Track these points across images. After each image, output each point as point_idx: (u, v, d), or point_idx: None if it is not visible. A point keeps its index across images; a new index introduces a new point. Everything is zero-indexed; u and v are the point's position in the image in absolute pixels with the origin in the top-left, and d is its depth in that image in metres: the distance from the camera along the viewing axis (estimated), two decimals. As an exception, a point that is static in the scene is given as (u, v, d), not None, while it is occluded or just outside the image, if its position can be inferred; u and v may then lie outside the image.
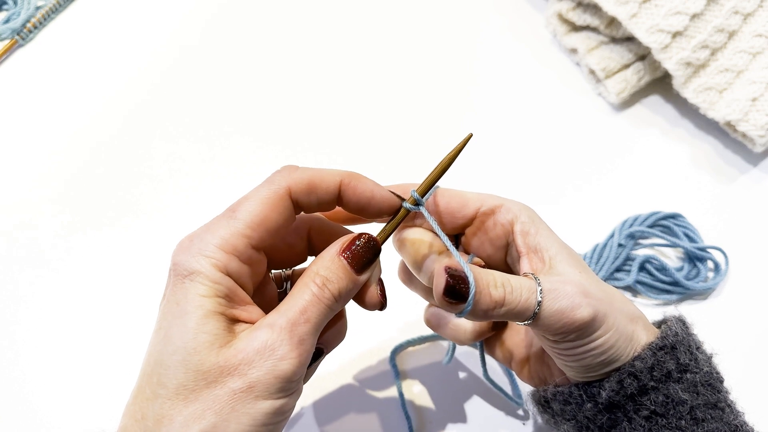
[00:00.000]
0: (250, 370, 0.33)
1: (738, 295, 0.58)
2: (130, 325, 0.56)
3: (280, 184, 0.37)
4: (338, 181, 0.38)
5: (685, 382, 0.39)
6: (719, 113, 0.62)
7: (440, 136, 0.66)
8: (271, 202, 0.36)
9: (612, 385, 0.39)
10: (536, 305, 0.37)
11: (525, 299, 0.37)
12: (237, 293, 0.36)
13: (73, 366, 0.55)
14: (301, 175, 0.37)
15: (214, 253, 0.35)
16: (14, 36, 0.71)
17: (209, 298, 0.34)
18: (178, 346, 0.34)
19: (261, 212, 0.36)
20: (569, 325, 0.37)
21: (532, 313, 0.37)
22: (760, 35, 0.64)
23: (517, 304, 0.37)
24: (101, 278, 0.59)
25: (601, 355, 0.39)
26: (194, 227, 0.37)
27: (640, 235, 0.59)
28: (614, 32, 0.67)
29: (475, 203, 0.42)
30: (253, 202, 0.36)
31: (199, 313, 0.34)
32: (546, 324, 0.38)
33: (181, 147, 0.66)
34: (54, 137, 0.66)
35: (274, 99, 0.69)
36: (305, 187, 0.37)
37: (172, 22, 0.74)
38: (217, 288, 0.35)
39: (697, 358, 0.40)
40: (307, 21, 0.74)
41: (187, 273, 0.35)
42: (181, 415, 0.33)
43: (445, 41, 0.72)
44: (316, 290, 0.36)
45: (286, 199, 0.37)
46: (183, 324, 0.34)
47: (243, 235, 0.35)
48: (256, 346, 0.33)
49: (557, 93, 0.69)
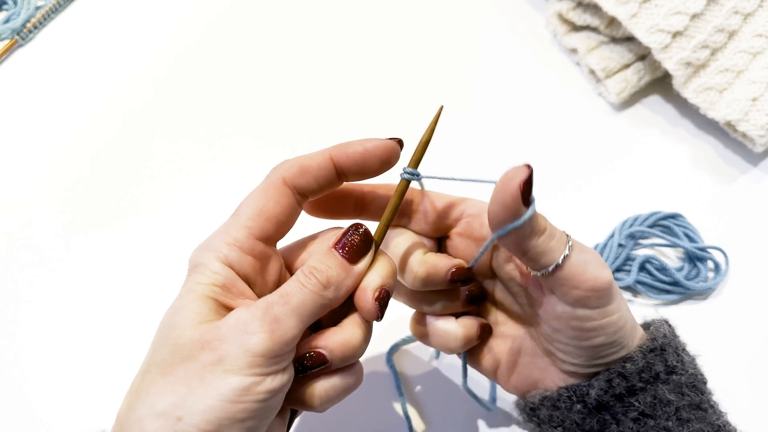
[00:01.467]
0: (222, 345, 0.34)
1: (738, 295, 0.58)
2: (130, 324, 0.56)
3: (274, 176, 0.38)
4: (327, 155, 0.39)
5: (672, 383, 0.39)
6: (719, 113, 0.62)
7: (440, 136, 0.66)
8: (266, 192, 0.38)
9: (601, 384, 0.39)
10: (567, 248, 0.37)
11: (558, 238, 0.37)
12: (236, 284, 0.37)
13: (74, 366, 0.55)
14: (292, 162, 0.39)
15: (218, 247, 0.37)
16: (14, 36, 0.71)
17: (205, 284, 0.36)
18: (167, 324, 0.35)
19: (258, 203, 0.38)
20: (593, 280, 0.37)
21: (561, 255, 0.37)
22: (760, 35, 0.64)
23: (553, 240, 0.37)
24: (101, 278, 0.59)
25: (615, 334, 0.38)
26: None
27: (640, 235, 0.59)
28: (614, 32, 0.67)
29: (461, 205, 0.42)
30: (251, 196, 0.38)
31: (191, 296, 0.36)
32: (572, 274, 0.37)
33: (181, 147, 0.66)
34: (54, 137, 0.66)
35: (274, 99, 0.69)
36: (297, 170, 0.38)
37: (172, 22, 0.74)
38: (215, 277, 0.36)
39: (683, 360, 0.40)
40: (307, 21, 0.74)
41: (194, 266, 0.37)
42: (155, 386, 0.33)
43: (445, 41, 0.72)
44: (302, 278, 0.36)
45: (280, 186, 0.38)
46: (175, 306, 0.36)
47: (243, 226, 0.37)
48: (230, 322, 0.34)
49: (557, 93, 0.69)
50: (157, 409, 0.33)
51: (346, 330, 0.38)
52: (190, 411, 0.32)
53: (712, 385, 0.42)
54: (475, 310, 0.45)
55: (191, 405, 0.32)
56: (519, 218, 0.35)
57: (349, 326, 0.38)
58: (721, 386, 0.41)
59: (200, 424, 0.32)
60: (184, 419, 0.32)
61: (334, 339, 0.38)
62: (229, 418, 0.33)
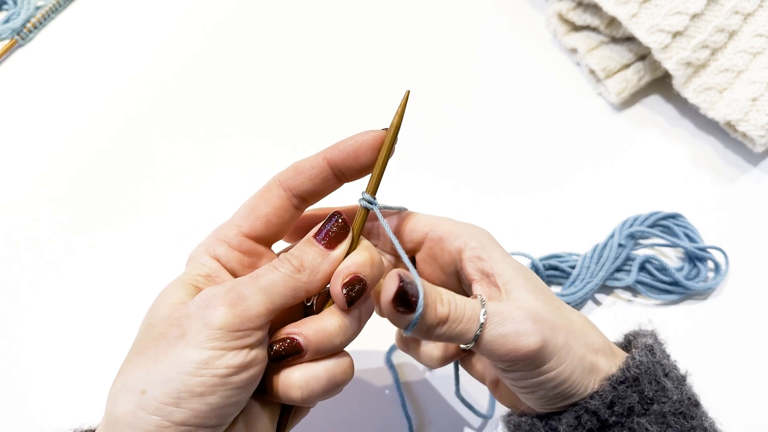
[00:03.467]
0: (187, 320, 0.34)
1: (738, 295, 0.58)
2: (129, 324, 0.56)
3: (270, 179, 0.40)
4: (321, 155, 0.39)
5: (653, 414, 0.38)
6: (719, 113, 0.62)
7: (441, 136, 0.66)
8: (259, 193, 0.40)
9: (569, 420, 0.38)
10: (478, 327, 0.36)
11: (467, 319, 0.36)
12: (219, 274, 0.38)
13: (73, 366, 0.55)
14: (287, 167, 0.40)
15: (208, 242, 0.39)
16: (14, 36, 0.71)
17: (189, 274, 0.38)
18: (149, 309, 0.37)
19: (250, 204, 0.40)
20: (514, 352, 0.36)
21: (473, 336, 0.36)
22: (760, 35, 0.64)
23: (459, 324, 0.36)
24: (101, 278, 0.59)
25: (555, 389, 0.37)
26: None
27: (640, 235, 0.59)
28: (614, 32, 0.67)
29: (424, 227, 0.42)
30: (247, 200, 0.40)
31: (175, 283, 0.37)
32: (489, 349, 0.36)
33: (181, 147, 0.66)
34: (54, 137, 0.66)
35: (274, 99, 0.69)
36: (291, 172, 0.39)
37: (172, 22, 0.74)
38: (200, 268, 0.38)
39: (665, 387, 0.38)
40: (307, 21, 0.74)
41: (187, 262, 0.40)
42: (130, 364, 0.35)
43: (445, 41, 0.72)
44: (276, 262, 0.37)
45: (274, 188, 0.39)
46: (159, 294, 0.37)
47: (234, 225, 0.39)
48: (198, 299, 0.35)
49: (557, 93, 0.69)
50: (127, 384, 0.34)
51: (323, 317, 0.37)
52: (152, 384, 0.33)
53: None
54: None
55: (154, 378, 0.33)
56: (410, 324, 0.35)
57: (327, 314, 0.37)
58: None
59: (160, 397, 0.33)
60: (147, 392, 0.33)
61: (309, 326, 0.37)
62: (187, 391, 0.33)
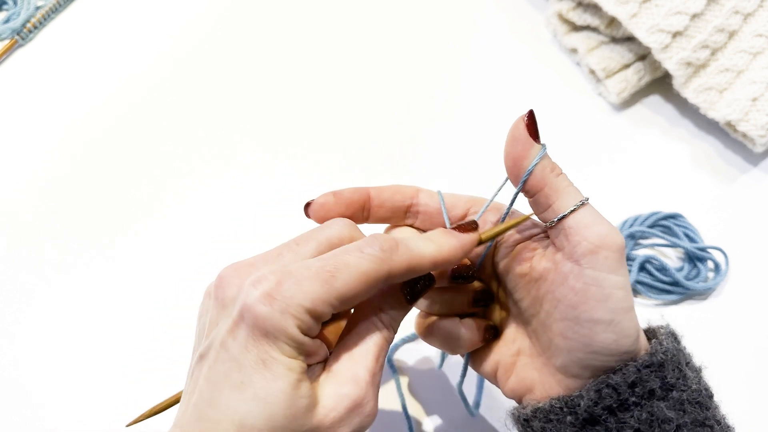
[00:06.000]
0: (341, 428, 0.34)
1: (738, 295, 0.58)
2: (131, 327, 0.56)
3: (382, 267, 0.36)
4: (432, 261, 0.38)
5: (671, 400, 0.38)
6: (719, 113, 0.62)
7: (441, 136, 0.66)
8: (369, 281, 0.35)
9: (590, 394, 0.38)
10: (581, 201, 0.39)
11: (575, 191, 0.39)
12: (312, 346, 0.36)
13: (75, 369, 0.55)
14: (401, 259, 0.36)
15: (302, 315, 0.34)
16: (14, 36, 0.71)
17: (295, 359, 0.34)
18: (272, 411, 0.33)
19: (356, 289, 0.35)
20: (601, 237, 0.37)
21: (574, 203, 0.38)
22: (760, 35, 0.64)
23: (571, 185, 0.39)
24: (102, 279, 0.59)
25: (615, 313, 0.37)
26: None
27: (640, 235, 0.59)
28: (614, 32, 0.67)
29: (466, 204, 0.43)
30: (355, 274, 0.35)
31: (292, 376, 0.34)
32: (579, 225, 0.38)
33: (181, 146, 0.66)
34: (54, 137, 0.66)
35: (274, 100, 0.69)
36: (404, 271, 0.37)
37: (173, 23, 0.74)
38: (300, 348, 0.34)
39: (686, 376, 0.39)
40: (306, 20, 0.74)
41: (272, 330, 0.34)
42: None
43: (445, 41, 0.72)
44: (386, 333, 0.37)
45: (383, 282, 0.36)
46: (277, 388, 0.34)
47: (332, 304, 0.35)
48: (347, 405, 0.35)
49: (557, 93, 0.69)
50: None
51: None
52: None
53: (713, 385, 0.41)
54: (480, 312, 0.45)
55: None
56: (532, 155, 0.39)
57: None
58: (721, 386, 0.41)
59: None
60: None
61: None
62: None
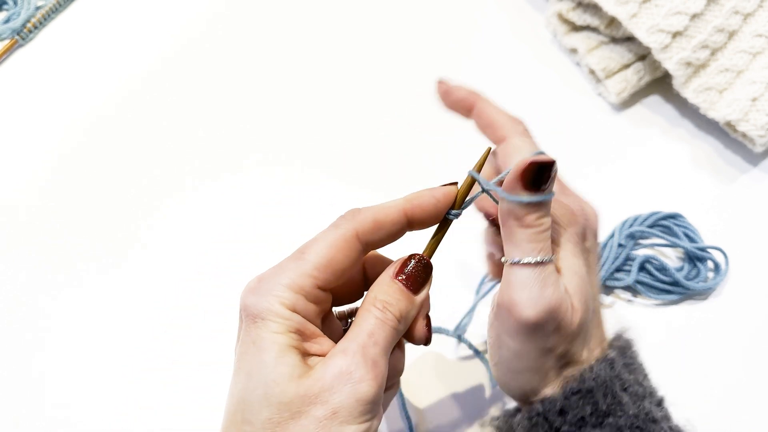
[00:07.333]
0: (332, 396, 0.34)
1: (738, 295, 0.58)
2: (131, 327, 0.56)
3: (347, 227, 0.37)
4: (401, 210, 0.39)
5: (608, 426, 0.38)
6: (719, 113, 0.62)
7: (441, 136, 0.66)
8: (338, 244, 0.37)
9: (523, 423, 0.39)
10: (535, 258, 0.38)
11: (540, 249, 0.38)
12: (307, 327, 0.37)
13: (75, 369, 0.55)
14: (365, 216, 0.38)
15: (282, 293, 0.36)
16: (14, 36, 0.71)
17: (282, 333, 0.35)
18: (259, 381, 0.35)
19: (328, 254, 0.37)
20: (518, 313, 0.37)
21: (513, 260, 0.38)
22: (760, 35, 0.64)
23: (532, 242, 0.38)
24: (101, 279, 0.59)
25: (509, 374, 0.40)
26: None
27: (640, 235, 0.59)
28: (614, 32, 0.67)
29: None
30: (321, 244, 0.37)
31: (276, 348, 0.35)
32: (505, 297, 0.38)
33: (182, 146, 0.66)
34: (54, 137, 0.66)
35: (275, 100, 0.69)
36: (371, 226, 0.38)
37: (173, 23, 0.74)
38: (288, 324, 0.36)
39: (621, 401, 0.38)
40: (306, 21, 0.74)
41: (258, 313, 0.36)
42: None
43: (445, 41, 0.72)
44: (379, 314, 0.37)
45: (353, 242, 0.37)
46: (261, 360, 0.35)
47: (310, 275, 0.36)
48: (334, 371, 0.34)
49: (557, 93, 0.69)
50: None
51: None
52: None
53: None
54: None
55: None
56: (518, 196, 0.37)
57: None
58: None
59: None
60: None
61: None
62: None
